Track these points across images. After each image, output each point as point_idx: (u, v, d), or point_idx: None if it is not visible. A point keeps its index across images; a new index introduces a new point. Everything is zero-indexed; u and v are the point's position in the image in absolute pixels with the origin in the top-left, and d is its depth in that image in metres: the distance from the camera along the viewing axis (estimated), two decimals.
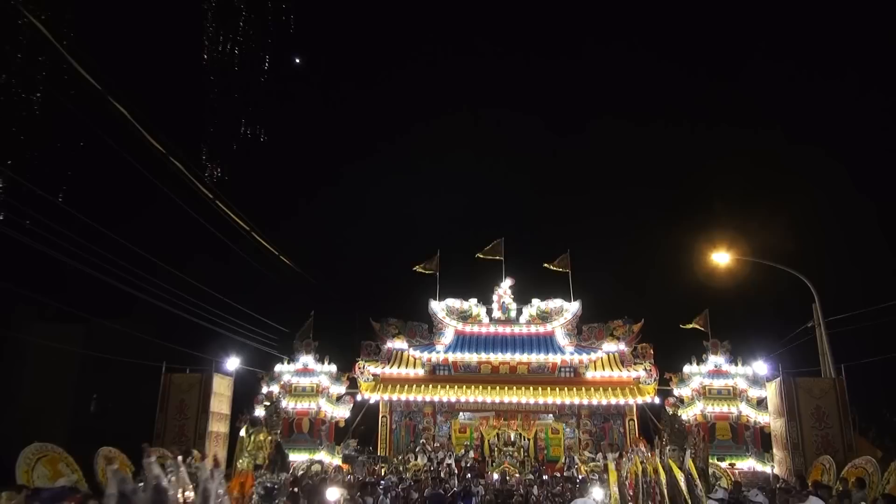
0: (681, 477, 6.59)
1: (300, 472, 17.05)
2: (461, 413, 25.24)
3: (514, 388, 23.97)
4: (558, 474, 20.83)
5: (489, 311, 26.57)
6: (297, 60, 56.95)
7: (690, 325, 24.20)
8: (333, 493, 7.25)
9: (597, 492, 7.35)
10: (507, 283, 26.90)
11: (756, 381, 22.52)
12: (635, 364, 24.65)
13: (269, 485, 6.49)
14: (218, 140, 53.26)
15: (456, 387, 24.12)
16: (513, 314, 26.41)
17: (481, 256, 27.93)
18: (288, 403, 23.18)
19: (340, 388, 24.41)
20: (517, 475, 21.43)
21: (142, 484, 4.93)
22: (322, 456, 22.16)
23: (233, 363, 22.54)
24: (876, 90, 40.44)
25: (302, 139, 55.48)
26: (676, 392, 23.40)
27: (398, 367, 25.13)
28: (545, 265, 27.43)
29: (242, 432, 7.42)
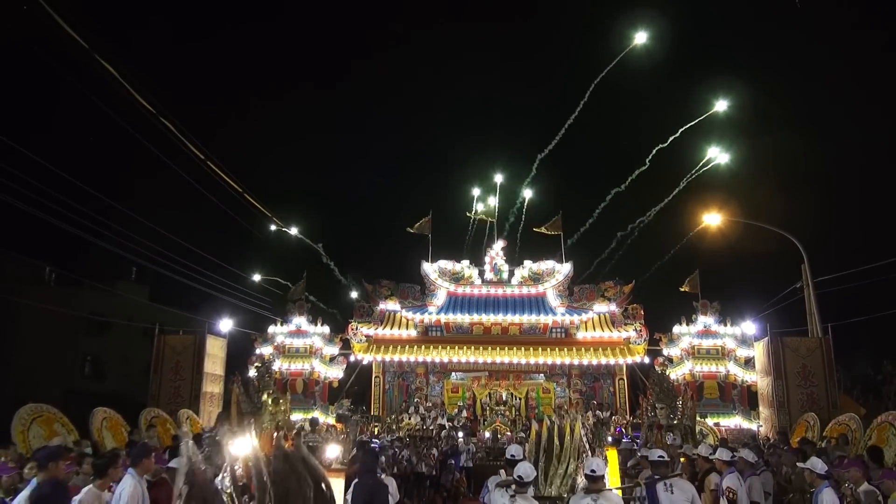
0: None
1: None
2: (453, 373, 25.50)
3: (506, 348, 24.19)
4: None
5: (481, 273, 26.66)
6: None
7: (684, 288, 24.33)
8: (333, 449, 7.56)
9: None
10: (499, 245, 26.98)
11: (744, 341, 22.77)
12: (626, 325, 24.91)
13: (311, 444, 6.98)
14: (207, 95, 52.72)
15: (448, 347, 24.33)
16: (505, 276, 26.53)
17: (476, 216, 27.98)
18: (282, 364, 23.38)
19: (334, 349, 24.64)
20: (508, 433, 21.78)
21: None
22: (316, 416, 22.43)
23: (226, 325, 22.64)
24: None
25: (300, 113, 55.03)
26: (666, 352, 23.69)
27: (391, 329, 25.31)
28: (537, 230, 27.51)
29: (264, 398, 7.65)
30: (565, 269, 26.28)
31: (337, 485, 5.91)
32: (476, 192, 33.61)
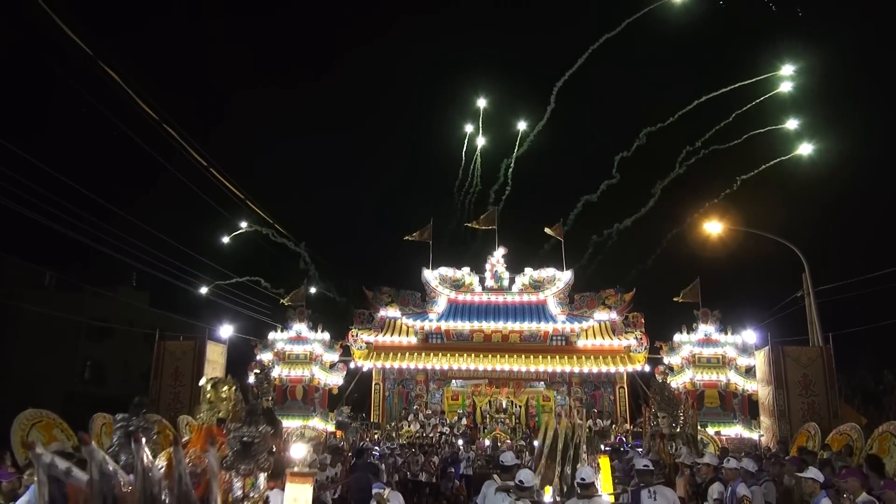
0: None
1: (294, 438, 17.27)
2: (453, 380, 25.48)
3: (506, 355, 24.19)
4: None
5: (482, 280, 26.67)
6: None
7: (682, 299, 24.27)
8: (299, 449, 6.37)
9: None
10: (499, 252, 26.98)
11: (745, 350, 22.72)
12: (626, 333, 24.90)
13: (246, 439, 4.95)
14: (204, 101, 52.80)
15: (448, 355, 24.33)
16: (505, 283, 26.54)
17: (474, 226, 28.06)
18: (281, 371, 23.34)
19: (334, 356, 24.57)
20: (508, 441, 21.72)
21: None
22: (315, 422, 22.40)
23: (226, 331, 22.63)
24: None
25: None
26: (666, 360, 23.63)
27: (391, 335, 25.30)
28: (546, 230, 27.58)
29: (202, 382, 6.57)
30: (566, 276, 26.29)
31: (301, 492, 5.02)
32: (468, 128, 34.46)
